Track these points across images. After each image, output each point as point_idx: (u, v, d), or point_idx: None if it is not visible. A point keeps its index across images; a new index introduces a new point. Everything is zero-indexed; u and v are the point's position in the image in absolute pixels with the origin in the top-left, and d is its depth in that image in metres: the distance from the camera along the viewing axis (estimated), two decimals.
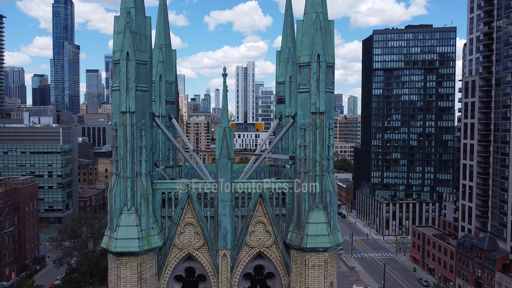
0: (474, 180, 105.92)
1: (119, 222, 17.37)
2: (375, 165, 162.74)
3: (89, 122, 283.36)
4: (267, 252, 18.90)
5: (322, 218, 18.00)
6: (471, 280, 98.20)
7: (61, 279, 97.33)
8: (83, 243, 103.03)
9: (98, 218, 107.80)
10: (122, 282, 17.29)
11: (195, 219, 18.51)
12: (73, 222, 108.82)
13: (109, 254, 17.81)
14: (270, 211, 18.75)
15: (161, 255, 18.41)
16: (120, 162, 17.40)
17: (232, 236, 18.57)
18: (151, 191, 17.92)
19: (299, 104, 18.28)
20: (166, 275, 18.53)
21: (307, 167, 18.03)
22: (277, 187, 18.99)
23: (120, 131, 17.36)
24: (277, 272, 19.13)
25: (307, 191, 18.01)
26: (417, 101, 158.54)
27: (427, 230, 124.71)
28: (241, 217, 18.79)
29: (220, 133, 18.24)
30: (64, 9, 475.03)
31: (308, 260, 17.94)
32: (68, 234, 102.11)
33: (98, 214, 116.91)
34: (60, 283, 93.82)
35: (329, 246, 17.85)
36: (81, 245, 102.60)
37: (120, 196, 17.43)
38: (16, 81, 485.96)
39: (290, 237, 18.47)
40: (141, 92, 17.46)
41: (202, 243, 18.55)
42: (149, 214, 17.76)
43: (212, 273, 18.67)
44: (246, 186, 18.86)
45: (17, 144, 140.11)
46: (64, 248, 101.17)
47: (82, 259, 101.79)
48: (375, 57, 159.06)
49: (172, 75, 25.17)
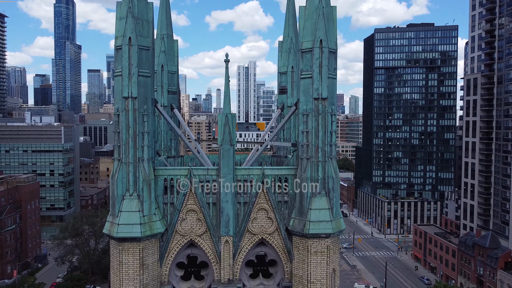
0: (476, 178, 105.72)
1: (121, 207, 17.35)
2: (377, 164, 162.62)
3: (91, 122, 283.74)
4: (269, 239, 18.86)
5: (325, 204, 17.96)
6: (473, 278, 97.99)
7: (63, 277, 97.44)
8: (85, 241, 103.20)
9: (100, 217, 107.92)
10: (124, 268, 17.27)
11: (197, 205, 18.48)
12: (75, 220, 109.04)
13: (111, 240, 17.79)
14: (272, 197, 18.71)
15: (163, 242, 18.38)
16: (122, 148, 17.39)
17: (234, 222, 18.54)
18: (153, 177, 17.89)
19: (302, 90, 18.24)
20: (168, 261, 18.51)
21: (310, 153, 17.99)
22: (279, 174, 18.95)
23: (122, 116, 17.35)
24: (279, 259, 19.09)
25: (310, 177, 17.96)
26: (419, 99, 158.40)
27: (428, 228, 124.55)
28: (243, 204, 18.75)
29: (223, 119, 18.22)
30: (65, 9, 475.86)
31: (310, 246, 17.88)
32: (70, 232, 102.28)
33: (99, 212, 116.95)
34: (61, 281, 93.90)
35: (332, 232, 17.79)
36: (82, 243, 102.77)
37: (122, 181, 17.41)
38: (18, 81, 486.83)
39: (293, 224, 18.44)
40: (143, 77, 17.45)
41: (204, 229, 18.53)
42: (151, 200, 17.74)
43: (214, 260, 18.63)
44: (249, 172, 18.83)
45: (19, 143, 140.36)
46: (66, 246, 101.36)
47: (83, 257, 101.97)
48: (377, 56, 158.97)
49: (174, 65, 25.17)
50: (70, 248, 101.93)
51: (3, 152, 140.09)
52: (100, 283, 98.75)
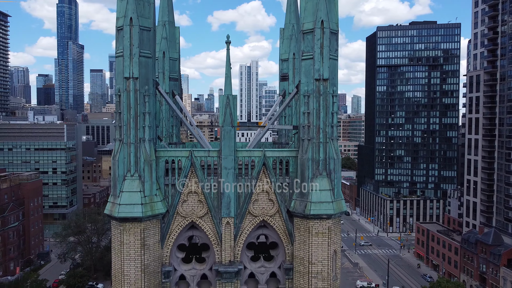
0: (479, 175, 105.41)
1: (122, 188, 17.37)
2: (379, 162, 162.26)
3: (93, 121, 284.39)
4: (270, 220, 18.84)
5: (326, 185, 17.92)
6: (475, 276, 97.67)
7: (66, 273, 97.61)
8: (87, 238, 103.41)
9: (102, 215, 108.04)
10: (126, 248, 17.28)
11: (198, 187, 18.47)
12: (77, 217, 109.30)
13: (112, 221, 17.82)
14: (273, 179, 18.69)
15: (164, 223, 18.39)
16: (123, 128, 17.41)
17: (236, 204, 18.53)
18: (154, 158, 17.90)
19: (303, 72, 18.22)
20: (169, 243, 18.51)
21: (311, 134, 17.96)
22: (280, 155, 18.94)
23: (123, 97, 17.38)
24: (280, 241, 19.07)
25: (311, 158, 17.93)
26: (421, 98, 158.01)
27: (431, 226, 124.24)
28: (245, 186, 18.73)
29: (224, 100, 18.22)
30: (68, 9, 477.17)
31: (311, 227, 17.85)
32: (73, 229, 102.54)
33: (102, 209, 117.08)
34: (64, 278, 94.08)
35: (333, 213, 17.75)
36: (85, 240, 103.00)
37: (124, 162, 17.43)
38: (20, 81, 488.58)
39: (294, 205, 18.41)
40: (144, 58, 17.47)
41: (205, 211, 18.52)
42: (152, 180, 17.75)
43: (216, 242, 18.63)
44: (250, 154, 18.82)
45: (21, 141, 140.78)
46: (68, 243, 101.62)
47: (86, 254, 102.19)
48: (379, 54, 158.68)
49: (175, 52, 25.21)
50: (72, 245, 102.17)
51: (6, 150, 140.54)
52: (102, 280, 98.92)
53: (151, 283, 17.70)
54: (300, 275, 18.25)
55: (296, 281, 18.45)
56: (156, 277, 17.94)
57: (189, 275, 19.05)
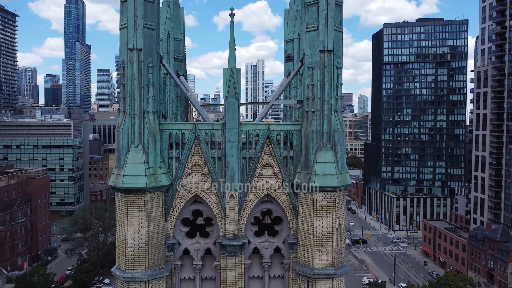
0: (487, 171, 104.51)
1: (126, 159, 17.37)
2: (386, 160, 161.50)
3: (100, 120, 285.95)
4: (274, 194, 18.74)
5: (331, 158, 17.80)
6: (483, 272, 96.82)
7: (73, 269, 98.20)
8: (94, 233, 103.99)
9: (109, 211, 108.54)
10: (130, 219, 17.28)
11: (203, 160, 18.44)
12: (84, 213, 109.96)
13: (116, 193, 17.82)
14: (277, 153, 18.60)
15: (168, 197, 18.36)
16: (127, 100, 17.42)
17: (240, 177, 18.45)
18: (158, 130, 17.88)
19: (307, 44, 18.12)
20: (174, 216, 18.48)
21: (315, 106, 17.85)
22: (284, 129, 18.86)
23: (127, 68, 17.39)
24: (284, 215, 18.97)
25: (315, 131, 17.82)
26: (428, 95, 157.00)
27: (438, 223, 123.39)
28: (249, 159, 18.66)
29: (228, 73, 18.17)
30: (75, 9, 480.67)
31: (316, 200, 17.73)
32: (80, 225, 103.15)
33: (108, 205, 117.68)
34: (71, 273, 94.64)
35: (338, 185, 17.61)
36: (91, 236, 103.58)
37: (128, 133, 17.43)
38: (28, 81, 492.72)
39: (298, 178, 18.30)
40: (148, 29, 17.47)
41: (209, 184, 18.47)
42: (156, 152, 17.72)
43: (220, 215, 18.58)
44: (254, 128, 18.75)
45: (29, 138, 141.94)
46: (75, 239, 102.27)
47: (92, 250, 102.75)
48: (386, 51, 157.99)
49: (180, 32, 25.22)
50: (79, 241, 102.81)
51: (14, 147, 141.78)
52: (108, 275, 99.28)
53: (155, 255, 17.69)
54: (305, 248, 18.14)
55: (301, 255, 18.35)
56: (160, 249, 17.92)
57: (193, 249, 19.02)
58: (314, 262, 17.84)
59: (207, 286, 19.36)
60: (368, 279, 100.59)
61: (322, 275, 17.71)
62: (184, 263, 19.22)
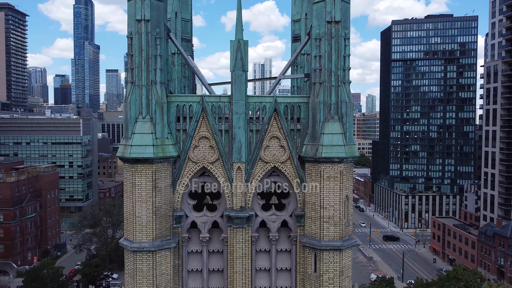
0: (497, 167, 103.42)
1: (134, 130, 17.47)
2: (394, 158, 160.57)
3: (109, 119, 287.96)
4: (281, 167, 18.71)
5: (338, 129, 17.75)
6: (493, 269, 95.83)
7: (81, 263, 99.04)
8: (103, 229, 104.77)
9: (117, 206, 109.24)
10: (137, 189, 17.37)
11: (210, 132, 18.47)
12: (93, 208, 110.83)
13: (124, 164, 17.92)
14: (284, 125, 18.58)
15: (176, 169, 18.42)
16: (135, 71, 17.53)
17: (247, 150, 18.46)
18: (165, 101, 17.96)
19: (314, 15, 18.09)
20: (181, 188, 18.53)
21: (322, 77, 17.80)
22: (292, 101, 18.83)
23: (135, 39, 17.49)
24: (291, 188, 18.92)
25: (322, 102, 17.78)
26: (437, 92, 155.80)
27: (447, 220, 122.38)
28: (256, 132, 18.66)
29: (235, 45, 18.19)
30: (84, 10, 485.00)
31: (323, 171, 17.68)
32: (89, 221, 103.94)
33: (117, 202, 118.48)
34: (80, 268, 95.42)
35: (345, 156, 17.55)
36: (100, 231, 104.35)
37: (135, 104, 17.54)
38: (38, 81, 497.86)
39: (305, 150, 18.26)
40: (156, 0, 17.58)
41: (216, 157, 18.50)
42: (163, 123, 17.81)
43: (227, 188, 18.59)
44: (261, 100, 18.75)
45: (39, 135, 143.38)
46: (84, 234, 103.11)
47: (101, 245, 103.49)
48: (394, 48, 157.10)
49: (187, 12, 25.24)
50: (88, 236, 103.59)
51: (24, 144, 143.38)
52: (117, 270, 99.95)
53: (163, 226, 17.76)
54: (312, 220, 18.09)
55: (308, 227, 18.30)
56: (167, 220, 17.99)
57: (201, 221, 19.05)
58: (321, 234, 17.79)
59: (214, 259, 19.39)
60: (376, 275, 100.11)
61: (329, 247, 17.65)
62: (192, 236, 19.26)
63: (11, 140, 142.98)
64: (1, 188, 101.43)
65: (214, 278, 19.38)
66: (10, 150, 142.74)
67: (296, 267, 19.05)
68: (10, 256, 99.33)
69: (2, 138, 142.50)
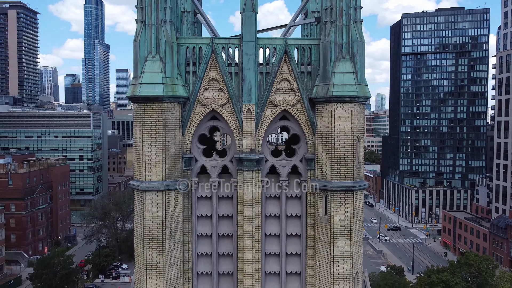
0: (509, 158, 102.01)
1: (144, 68, 17.42)
2: (404, 152, 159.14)
3: (119, 116, 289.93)
4: (292, 110, 18.50)
5: (349, 68, 17.51)
6: (505, 261, 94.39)
7: (92, 254, 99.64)
8: (112, 220, 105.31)
9: (127, 198, 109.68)
10: (147, 129, 17.31)
11: (219, 74, 18.35)
12: (103, 200, 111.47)
13: (134, 104, 17.89)
14: (295, 68, 18.38)
15: (186, 111, 18.32)
16: (145, 9, 17.48)
17: (257, 92, 18.30)
18: (175, 41, 17.88)
19: None
20: (190, 131, 18.43)
21: (333, 16, 17.58)
22: (302, 43, 18.63)
23: None
24: (302, 132, 18.72)
25: (333, 41, 17.56)
26: (448, 85, 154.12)
27: (458, 214, 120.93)
28: (266, 74, 18.50)
29: None
30: (95, 9, 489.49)
31: (334, 111, 17.45)
32: (99, 212, 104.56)
33: (127, 194, 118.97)
34: (90, 258, 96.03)
35: (356, 95, 17.29)
36: (110, 223, 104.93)
37: (145, 43, 17.48)
38: (49, 81, 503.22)
39: (316, 91, 18.05)
40: None
41: (226, 99, 18.37)
42: (173, 63, 17.73)
43: (237, 131, 18.45)
44: (271, 42, 18.59)
45: (50, 129, 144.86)
46: (94, 225, 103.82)
47: (111, 236, 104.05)
48: (404, 42, 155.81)
49: None
50: (98, 227, 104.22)
51: (36, 137, 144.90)
52: (126, 261, 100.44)
53: (172, 166, 17.66)
54: (323, 162, 17.86)
55: (319, 169, 18.07)
56: (177, 161, 17.90)
57: (210, 166, 18.92)
58: (332, 175, 17.55)
59: (223, 205, 19.25)
60: (385, 268, 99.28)
61: (340, 188, 17.41)
62: (201, 181, 19.14)
63: (23, 133, 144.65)
64: (13, 178, 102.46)
65: (224, 224, 19.23)
66: (21, 144, 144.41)
67: (307, 212, 18.81)
68: (22, 246, 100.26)
69: (14, 132, 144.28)
